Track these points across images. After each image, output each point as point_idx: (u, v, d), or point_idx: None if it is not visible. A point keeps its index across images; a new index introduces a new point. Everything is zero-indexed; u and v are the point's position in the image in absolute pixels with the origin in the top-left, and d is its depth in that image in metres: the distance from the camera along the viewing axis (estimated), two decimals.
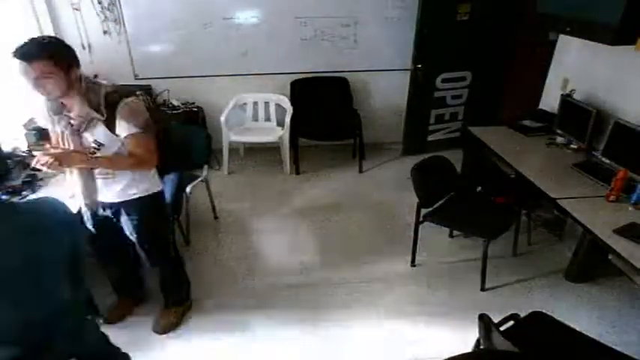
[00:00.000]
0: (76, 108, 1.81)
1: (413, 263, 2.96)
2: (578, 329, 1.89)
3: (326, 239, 3.25)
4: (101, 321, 2.42)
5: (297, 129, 4.09)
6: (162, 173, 2.23)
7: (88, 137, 1.87)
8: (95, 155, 1.87)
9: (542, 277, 2.83)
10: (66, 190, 2.17)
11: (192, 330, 2.47)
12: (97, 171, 1.97)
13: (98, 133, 1.86)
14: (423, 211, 2.77)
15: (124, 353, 1.93)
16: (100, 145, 1.87)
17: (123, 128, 1.85)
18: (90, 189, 2.01)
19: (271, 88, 4.31)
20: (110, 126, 1.84)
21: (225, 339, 2.41)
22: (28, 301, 1.28)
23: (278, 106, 4.33)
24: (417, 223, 2.82)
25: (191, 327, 2.49)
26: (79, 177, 1.98)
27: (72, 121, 1.83)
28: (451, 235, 3.23)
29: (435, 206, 2.78)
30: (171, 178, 2.56)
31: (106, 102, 1.81)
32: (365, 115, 4.33)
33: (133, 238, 2.19)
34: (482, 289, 2.74)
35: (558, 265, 2.90)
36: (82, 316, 1.59)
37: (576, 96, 3.12)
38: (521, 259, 3.01)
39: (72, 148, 1.87)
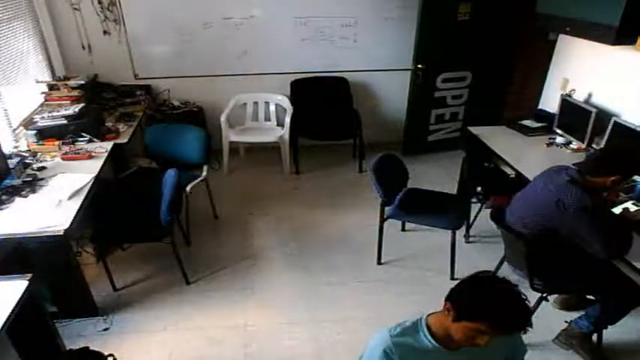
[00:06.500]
0: None
1: (379, 262, 2.99)
2: None
3: (326, 239, 3.25)
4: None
5: (297, 129, 4.09)
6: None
7: None
8: None
9: None
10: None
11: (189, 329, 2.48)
12: None
13: None
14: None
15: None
16: None
17: None
18: None
19: (271, 88, 4.31)
20: None
21: (226, 340, 2.42)
22: None
23: (278, 106, 4.33)
24: (382, 222, 2.87)
25: (189, 327, 2.49)
26: None
27: None
28: (403, 230, 3.33)
29: (395, 203, 2.75)
30: (171, 177, 2.55)
31: None
32: (365, 115, 4.33)
33: None
34: (452, 277, 2.79)
35: None
36: None
37: (576, 96, 3.12)
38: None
39: None
